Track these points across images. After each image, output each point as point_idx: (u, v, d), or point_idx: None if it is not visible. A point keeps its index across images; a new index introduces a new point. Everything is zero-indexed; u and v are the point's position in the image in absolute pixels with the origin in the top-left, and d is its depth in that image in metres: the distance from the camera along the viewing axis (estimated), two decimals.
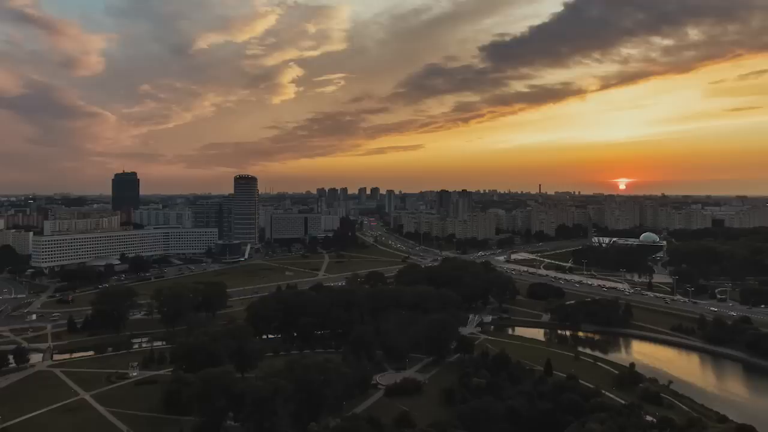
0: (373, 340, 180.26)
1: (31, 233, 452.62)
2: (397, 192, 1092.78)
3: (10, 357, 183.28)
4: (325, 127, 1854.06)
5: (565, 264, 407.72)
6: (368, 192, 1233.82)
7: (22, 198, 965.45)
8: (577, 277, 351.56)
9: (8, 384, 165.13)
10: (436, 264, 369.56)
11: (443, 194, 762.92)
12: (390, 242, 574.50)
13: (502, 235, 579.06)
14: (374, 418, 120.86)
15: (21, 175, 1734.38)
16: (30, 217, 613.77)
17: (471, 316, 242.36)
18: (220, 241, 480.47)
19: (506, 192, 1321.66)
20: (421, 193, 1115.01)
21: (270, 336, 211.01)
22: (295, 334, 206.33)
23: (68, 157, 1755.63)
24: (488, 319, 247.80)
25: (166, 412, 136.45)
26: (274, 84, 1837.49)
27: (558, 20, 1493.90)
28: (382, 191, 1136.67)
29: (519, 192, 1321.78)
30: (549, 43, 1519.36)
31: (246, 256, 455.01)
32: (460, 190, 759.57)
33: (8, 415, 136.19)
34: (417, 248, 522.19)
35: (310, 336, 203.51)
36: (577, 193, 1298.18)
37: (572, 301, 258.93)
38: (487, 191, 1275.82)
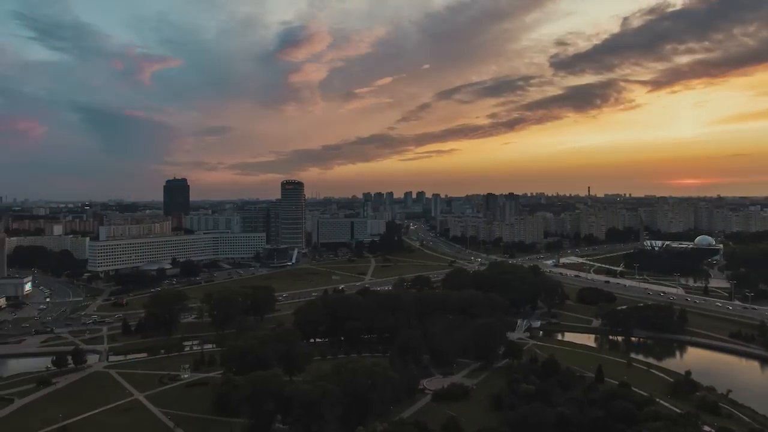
0: (420, 345, 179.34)
1: (87, 238, 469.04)
2: (443, 196, 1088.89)
3: (69, 358, 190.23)
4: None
5: (615, 268, 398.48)
6: (414, 196, 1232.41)
7: (79, 204, 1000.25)
8: (628, 282, 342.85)
9: (67, 384, 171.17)
10: (483, 268, 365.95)
11: (489, 198, 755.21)
12: (436, 246, 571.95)
13: (550, 239, 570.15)
14: (421, 423, 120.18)
15: (78, 182, 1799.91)
16: (86, 223, 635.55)
17: (519, 321, 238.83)
18: (268, 246, 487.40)
19: (554, 195, 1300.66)
20: (467, 196, 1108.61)
21: (317, 340, 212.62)
22: (342, 338, 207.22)
23: (123, 164, 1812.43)
24: (537, 324, 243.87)
25: (217, 413, 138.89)
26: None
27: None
28: (428, 195, 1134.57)
29: (567, 195, 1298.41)
30: (598, 48, 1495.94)
31: (293, 260, 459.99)
32: (507, 193, 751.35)
33: (68, 414, 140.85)
34: (463, 252, 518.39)
35: (357, 340, 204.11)
36: (627, 195, 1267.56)
37: (624, 306, 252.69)
38: (534, 194, 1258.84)
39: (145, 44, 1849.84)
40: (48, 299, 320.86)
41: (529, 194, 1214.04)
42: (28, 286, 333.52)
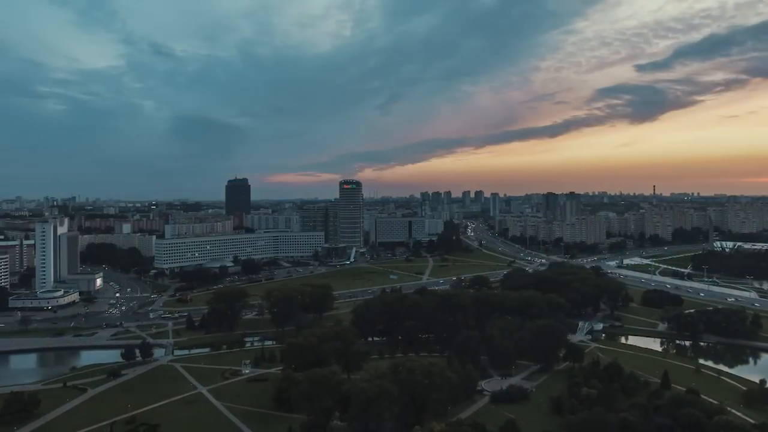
0: (479, 346, 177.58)
1: (153, 237, 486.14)
2: (501, 195, 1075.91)
3: (137, 351, 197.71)
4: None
5: (683, 270, 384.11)
6: (472, 195, 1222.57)
7: (146, 204, 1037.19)
8: (696, 284, 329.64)
9: (135, 376, 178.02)
10: (543, 269, 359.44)
11: (549, 197, 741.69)
12: (495, 246, 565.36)
13: (612, 239, 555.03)
14: (480, 425, 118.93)
15: (145, 182, 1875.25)
16: (153, 222, 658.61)
17: (580, 323, 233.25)
18: (326, 245, 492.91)
19: (617, 194, 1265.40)
20: (527, 195, 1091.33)
21: (375, 338, 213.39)
22: (400, 338, 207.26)
23: (187, 165, 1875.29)
24: (599, 326, 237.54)
25: (276, 408, 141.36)
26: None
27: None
28: (487, 194, 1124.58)
29: (631, 194, 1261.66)
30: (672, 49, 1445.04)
31: (351, 259, 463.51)
32: (568, 192, 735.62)
33: (136, 405, 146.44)
34: (523, 252, 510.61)
35: (415, 339, 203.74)
36: (695, 194, 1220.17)
37: (691, 310, 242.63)
38: (596, 193, 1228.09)
39: (212, 48, 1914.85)
40: (117, 294, 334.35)
41: (590, 193, 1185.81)
42: (99, 282, 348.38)
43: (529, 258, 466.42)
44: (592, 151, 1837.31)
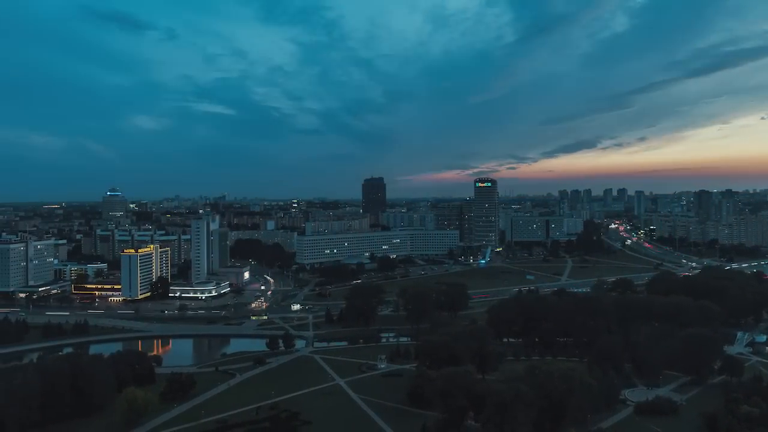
0: (622, 352, 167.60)
1: (295, 233, 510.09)
2: (647, 193, 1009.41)
3: (280, 341, 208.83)
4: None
5: None
6: (615, 193, 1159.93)
7: (288, 202, 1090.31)
8: None
9: (278, 365, 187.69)
10: (694, 273, 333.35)
11: (702, 195, 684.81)
12: (639, 247, 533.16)
13: None
14: None
15: (289, 180, 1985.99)
16: (295, 219, 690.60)
17: (739, 333, 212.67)
18: (461, 243, 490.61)
19: None
20: (675, 194, 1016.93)
21: (510, 339, 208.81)
22: (536, 340, 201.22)
23: (326, 164, 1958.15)
24: (762, 338, 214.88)
25: (410, 404, 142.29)
26: None
27: None
28: (630, 192, 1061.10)
29: None
30: None
31: (486, 258, 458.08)
32: (723, 190, 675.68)
33: (278, 392, 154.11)
34: (671, 254, 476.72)
35: (552, 342, 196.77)
36: None
37: None
38: (757, 191, 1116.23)
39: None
40: (263, 287, 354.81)
41: (750, 191, 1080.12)
42: (246, 275, 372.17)
43: (679, 261, 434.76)
44: (751, 144, 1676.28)
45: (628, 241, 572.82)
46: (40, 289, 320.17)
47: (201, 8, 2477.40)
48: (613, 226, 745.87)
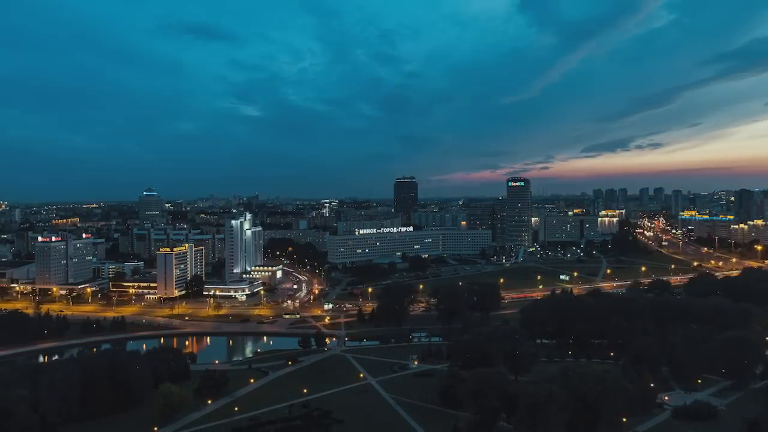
0: (658, 355, 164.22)
1: (327, 233, 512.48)
2: (684, 192, 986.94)
3: (312, 340, 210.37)
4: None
5: None
6: (651, 192, 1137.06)
7: (320, 201, 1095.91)
8: None
9: (310, 363, 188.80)
10: (735, 274, 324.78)
11: (743, 194, 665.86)
12: (677, 247, 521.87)
13: None
14: None
15: (319, 180, 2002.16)
16: (326, 219, 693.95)
17: None
18: (493, 243, 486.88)
19: None
20: (715, 193, 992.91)
21: (543, 340, 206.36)
22: (570, 341, 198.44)
23: (358, 165, 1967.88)
24: None
25: (442, 405, 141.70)
26: None
27: None
28: (667, 191, 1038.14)
29: None
30: None
31: (519, 258, 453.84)
32: (766, 189, 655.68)
33: (310, 390, 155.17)
34: (710, 255, 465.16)
35: (587, 344, 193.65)
36: None
37: None
38: None
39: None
40: (295, 286, 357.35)
41: None
42: (279, 274, 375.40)
43: (719, 262, 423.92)
44: None
45: (665, 242, 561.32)
46: (79, 287, 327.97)
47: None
48: (649, 225, 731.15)
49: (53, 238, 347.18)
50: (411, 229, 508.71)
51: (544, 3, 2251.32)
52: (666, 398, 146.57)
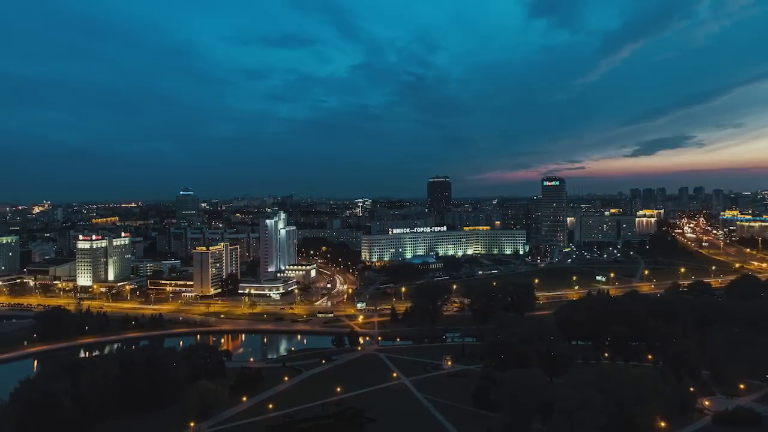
0: (698, 359, 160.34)
1: (360, 232, 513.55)
2: (726, 192, 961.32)
3: (346, 339, 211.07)
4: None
5: None
6: (691, 192, 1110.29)
7: (353, 201, 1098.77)
8: None
9: (344, 362, 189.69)
10: None
11: None
12: (718, 248, 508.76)
13: None
14: None
15: (350, 180, 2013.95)
16: (359, 218, 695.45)
17: None
18: (528, 243, 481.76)
19: None
20: (758, 192, 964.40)
21: (579, 342, 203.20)
22: (607, 343, 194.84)
23: (390, 164, 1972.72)
24: None
25: (475, 406, 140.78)
26: None
27: None
28: (708, 191, 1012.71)
29: None
30: None
31: (554, 258, 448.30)
32: None
33: (343, 389, 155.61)
34: (754, 257, 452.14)
35: (623, 346, 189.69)
36: None
37: None
38: None
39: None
40: (329, 285, 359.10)
41: None
42: (313, 273, 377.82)
43: (762, 263, 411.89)
44: None
45: (705, 242, 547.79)
46: (118, 284, 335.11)
47: None
48: (689, 225, 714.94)
49: (93, 237, 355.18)
50: (444, 228, 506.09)
51: (573, 7, 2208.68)
52: (706, 403, 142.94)
